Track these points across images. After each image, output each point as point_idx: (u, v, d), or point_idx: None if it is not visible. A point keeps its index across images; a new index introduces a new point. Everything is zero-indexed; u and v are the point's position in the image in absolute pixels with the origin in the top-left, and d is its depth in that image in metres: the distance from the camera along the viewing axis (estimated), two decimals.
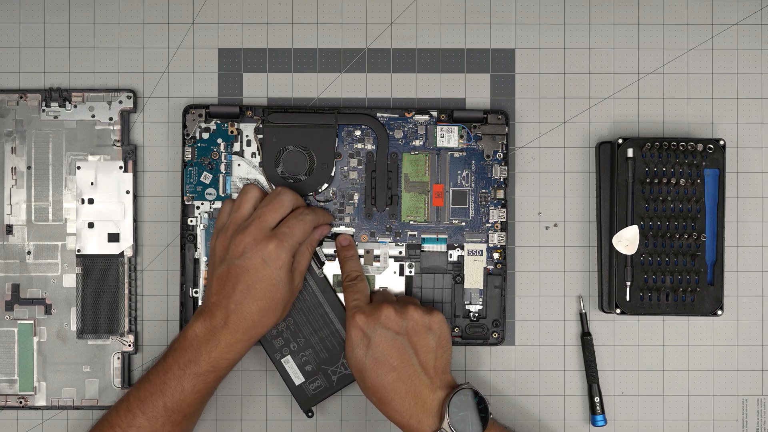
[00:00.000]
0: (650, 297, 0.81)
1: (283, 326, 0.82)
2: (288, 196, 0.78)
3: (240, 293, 0.75)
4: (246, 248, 0.75)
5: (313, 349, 0.82)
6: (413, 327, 0.76)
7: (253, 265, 0.75)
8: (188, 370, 0.75)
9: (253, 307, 0.75)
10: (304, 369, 0.82)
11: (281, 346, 0.82)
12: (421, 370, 0.76)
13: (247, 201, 0.79)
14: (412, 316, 0.77)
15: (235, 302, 0.75)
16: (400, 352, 0.75)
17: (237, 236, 0.76)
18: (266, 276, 0.75)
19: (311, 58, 0.86)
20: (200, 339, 0.75)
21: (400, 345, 0.76)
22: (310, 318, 0.82)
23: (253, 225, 0.76)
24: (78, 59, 0.85)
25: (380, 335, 0.76)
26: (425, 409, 0.75)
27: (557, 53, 0.86)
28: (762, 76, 0.86)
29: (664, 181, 0.81)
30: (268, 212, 0.77)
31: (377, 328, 0.76)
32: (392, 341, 0.75)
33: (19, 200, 0.84)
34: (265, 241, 0.75)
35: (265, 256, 0.75)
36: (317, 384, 0.82)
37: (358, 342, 0.76)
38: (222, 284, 0.76)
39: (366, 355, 0.76)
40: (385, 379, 0.75)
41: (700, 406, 0.85)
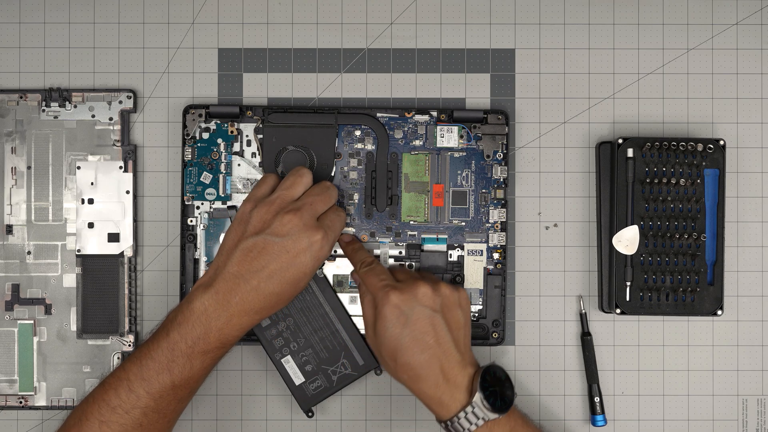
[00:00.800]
0: (650, 297, 0.81)
1: (283, 326, 0.82)
2: (334, 191, 0.79)
3: (269, 272, 0.73)
4: (293, 230, 0.74)
5: (313, 349, 0.82)
6: (446, 304, 0.76)
7: (296, 248, 0.73)
8: (197, 348, 0.72)
9: (276, 289, 0.74)
10: (304, 369, 0.82)
11: (281, 346, 0.82)
12: (454, 347, 0.75)
13: (301, 185, 0.77)
14: (444, 292, 0.76)
15: (261, 279, 0.73)
16: (437, 330, 0.74)
17: (286, 215, 0.74)
18: (302, 263, 0.74)
19: (311, 58, 0.86)
20: (210, 313, 0.73)
21: (437, 322, 0.74)
22: (310, 318, 0.82)
23: (305, 209, 0.75)
24: (78, 59, 0.85)
25: (418, 313, 0.74)
26: (456, 385, 0.74)
27: (557, 53, 0.86)
28: (762, 76, 0.86)
29: (664, 181, 0.81)
30: (319, 202, 0.76)
31: (415, 306, 0.74)
32: (430, 319, 0.74)
33: (19, 200, 0.84)
34: (314, 229, 0.74)
35: (312, 244, 0.74)
36: (317, 384, 0.82)
37: (394, 320, 0.74)
38: (251, 257, 0.73)
39: (402, 333, 0.74)
40: (420, 358, 0.74)
41: (700, 406, 0.85)
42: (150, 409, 0.73)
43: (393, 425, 0.85)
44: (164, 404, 0.73)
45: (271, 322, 0.82)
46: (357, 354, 0.82)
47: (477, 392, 0.73)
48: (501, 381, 0.74)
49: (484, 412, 0.73)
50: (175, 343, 0.73)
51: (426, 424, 0.85)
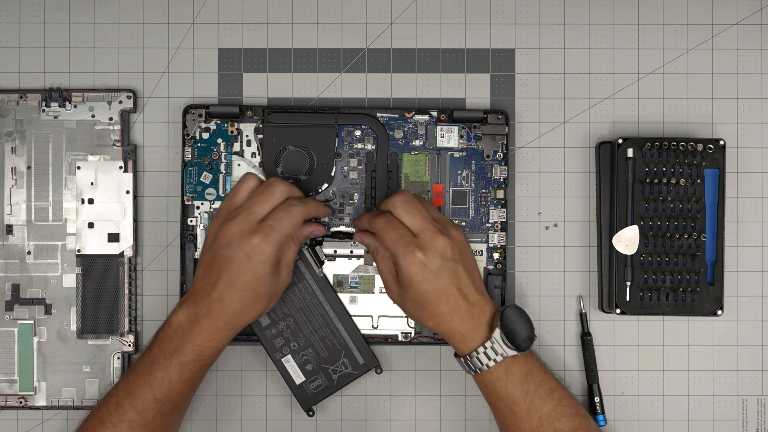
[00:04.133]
0: (650, 297, 0.81)
1: (284, 326, 0.82)
2: (280, 187, 0.77)
3: (223, 283, 0.74)
4: (231, 239, 0.75)
5: (313, 348, 0.82)
6: (461, 250, 0.77)
7: (237, 257, 0.74)
8: (174, 360, 0.74)
9: (235, 298, 0.75)
10: (305, 368, 0.82)
11: (281, 346, 0.82)
12: (474, 288, 0.76)
13: (243, 190, 0.78)
14: (457, 237, 0.77)
15: (219, 291, 0.74)
16: (459, 278, 0.76)
17: (225, 225, 0.75)
18: (249, 269, 0.74)
19: (311, 58, 0.86)
20: (184, 327, 0.75)
21: (459, 272, 0.76)
22: (310, 317, 0.82)
23: (241, 215, 0.75)
24: (78, 59, 0.85)
25: (443, 267, 0.75)
26: (478, 323, 0.76)
27: (557, 53, 0.86)
28: (762, 76, 0.86)
29: (664, 181, 0.81)
30: (257, 203, 0.76)
31: (440, 260, 0.75)
32: (453, 270, 0.76)
33: (19, 200, 0.84)
34: (251, 233, 0.74)
35: (249, 249, 0.74)
36: (318, 383, 0.82)
37: (421, 278, 0.75)
38: (208, 271, 0.75)
39: (428, 288, 0.75)
40: (446, 307, 0.76)
41: (700, 406, 0.85)
42: (135, 422, 0.75)
43: (393, 425, 0.85)
44: (149, 418, 0.75)
45: (271, 322, 0.82)
46: (357, 353, 0.82)
47: (497, 328, 0.75)
48: (521, 321, 0.76)
49: (502, 347, 0.75)
50: (155, 357, 0.75)
51: (426, 424, 0.85)
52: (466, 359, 0.76)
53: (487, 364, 0.75)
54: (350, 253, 0.84)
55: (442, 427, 0.85)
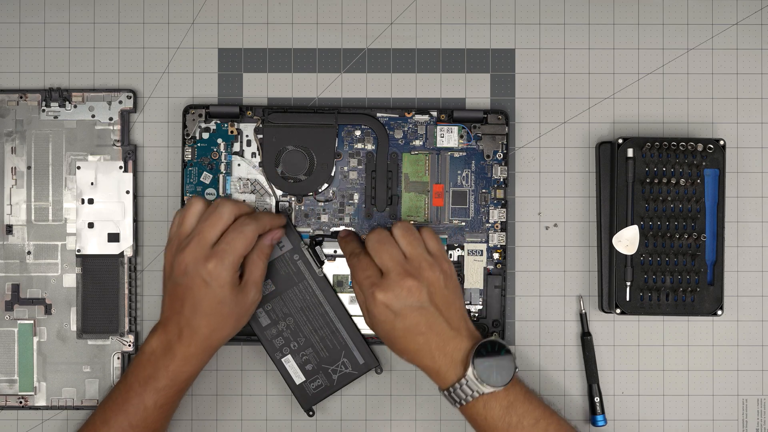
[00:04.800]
0: (650, 297, 0.81)
1: (284, 326, 0.82)
2: (226, 208, 0.77)
3: (188, 310, 0.75)
4: (187, 268, 0.75)
5: (313, 348, 0.82)
6: (432, 291, 0.76)
7: (195, 284, 0.75)
8: (148, 386, 0.75)
9: (202, 323, 0.75)
10: (305, 368, 0.82)
11: (281, 346, 0.82)
12: (447, 325, 0.76)
13: (190, 216, 0.78)
14: (430, 280, 0.76)
15: (185, 318, 0.75)
16: (427, 318, 0.75)
17: (179, 255, 0.76)
18: (209, 295, 0.75)
19: (311, 58, 0.86)
20: (157, 354, 0.76)
21: (425, 312, 0.75)
22: (310, 317, 0.82)
23: (192, 243, 0.76)
24: (78, 59, 0.85)
25: (406, 309, 0.75)
26: (453, 360, 0.76)
27: (557, 53, 0.86)
28: (762, 76, 0.86)
29: (664, 181, 0.81)
30: (206, 228, 0.76)
31: (402, 302, 0.75)
32: (418, 311, 0.75)
33: (19, 200, 0.84)
34: (205, 260, 0.75)
35: (206, 275, 0.75)
36: (318, 383, 0.82)
37: (384, 318, 0.76)
38: (172, 300, 0.76)
39: (394, 327, 0.76)
40: (416, 342, 0.76)
41: (700, 406, 0.85)
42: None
43: (393, 425, 0.85)
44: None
45: (271, 322, 0.82)
46: (357, 353, 0.82)
47: (470, 366, 0.74)
48: (497, 356, 0.75)
49: (477, 385, 0.75)
50: (130, 384, 0.76)
51: (426, 425, 0.85)
52: (446, 393, 0.76)
53: (465, 399, 0.75)
54: None
55: (442, 427, 0.85)
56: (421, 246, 0.78)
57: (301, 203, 0.84)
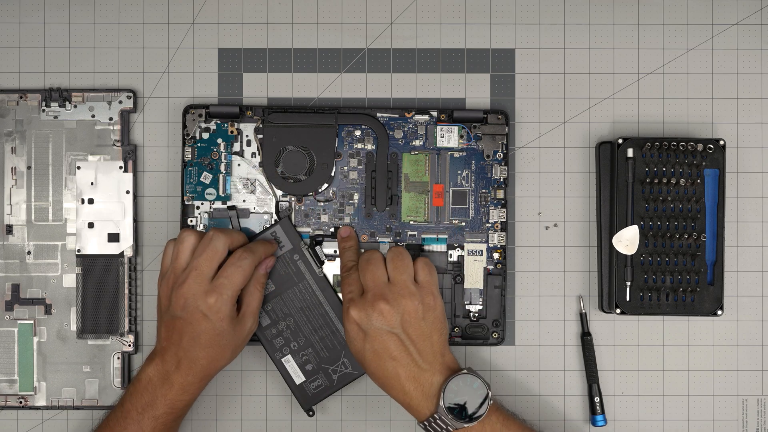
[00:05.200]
0: (650, 297, 0.81)
1: (284, 326, 0.82)
2: (221, 241, 0.78)
3: (187, 342, 0.76)
4: (186, 303, 0.76)
5: (313, 348, 0.82)
6: (407, 319, 0.76)
7: (194, 318, 0.76)
8: (146, 414, 0.76)
9: (201, 354, 0.76)
10: (305, 368, 0.82)
11: (281, 346, 0.82)
12: (419, 357, 0.76)
13: (185, 250, 0.78)
14: (406, 308, 0.76)
15: (184, 349, 0.76)
16: (397, 345, 0.76)
17: (177, 290, 0.76)
18: (209, 328, 0.76)
19: (311, 58, 0.86)
20: (154, 383, 0.76)
21: (395, 338, 0.76)
22: (310, 317, 0.82)
23: (190, 278, 0.76)
24: (78, 59, 0.85)
25: (375, 331, 0.76)
26: (424, 393, 0.76)
27: (557, 53, 0.86)
28: (762, 76, 0.86)
29: (664, 181, 0.81)
30: (203, 262, 0.77)
31: (371, 324, 0.76)
32: (388, 336, 0.76)
33: (19, 200, 0.84)
34: (204, 295, 0.76)
35: (206, 310, 0.75)
36: (318, 383, 0.82)
37: (354, 336, 0.77)
38: (170, 332, 0.77)
39: (364, 347, 0.76)
40: (385, 368, 0.76)
41: (700, 406, 0.85)
42: None
43: (393, 425, 0.85)
44: None
45: (271, 322, 0.82)
46: None
47: (440, 403, 0.75)
48: (470, 391, 0.75)
49: (449, 422, 0.75)
50: (128, 411, 0.76)
51: None
52: (421, 426, 0.76)
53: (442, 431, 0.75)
54: None
55: None
56: (408, 273, 0.78)
57: (301, 203, 0.84)
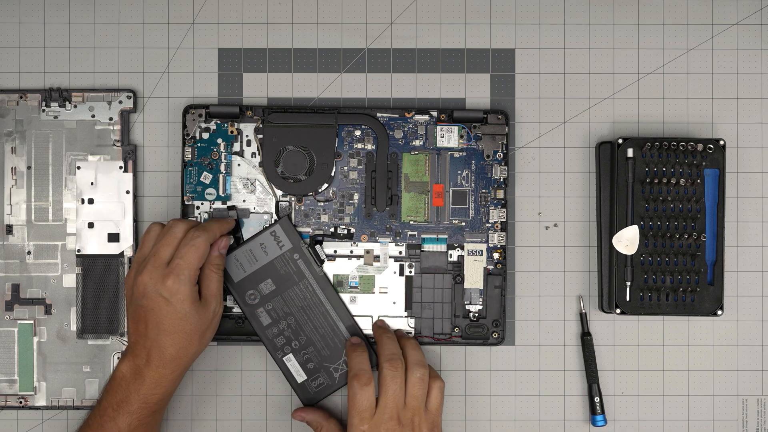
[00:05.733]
0: (650, 297, 0.81)
1: (284, 325, 0.82)
2: (178, 227, 0.78)
3: (152, 331, 0.76)
4: (146, 288, 0.76)
5: (314, 346, 0.82)
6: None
7: (155, 304, 0.76)
8: (121, 410, 0.76)
9: (167, 341, 0.76)
10: (306, 367, 0.82)
11: (283, 345, 0.82)
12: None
13: (148, 240, 0.79)
14: (417, 425, 0.77)
15: (150, 339, 0.76)
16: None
17: (138, 277, 0.77)
18: (171, 312, 0.76)
19: (311, 58, 0.86)
20: (127, 379, 0.76)
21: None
22: (311, 316, 0.82)
23: (149, 263, 0.77)
24: (78, 59, 0.85)
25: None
26: None
27: (557, 53, 0.86)
28: (762, 76, 0.86)
29: (664, 181, 0.81)
30: (161, 247, 0.77)
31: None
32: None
33: (19, 200, 0.84)
34: (162, 278, 0.76)
35: (165, 293, 0.76)
36: (319, 381, 0.82)
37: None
38: (135, 324, 0.77)
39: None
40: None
41: (700, 406, 0.85)
42: None
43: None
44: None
45: (272, 321, 0.82)
46: None
47: None
48: None
49: None
50: (104, 409, 0.77)
51: None
52: None
53: None
54: (350, 252, 0.84)
55: (442, 427, 0.85)
56: (423, 400, 0.78)
57: (301, 203, 0.84)
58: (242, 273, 0.82)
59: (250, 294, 0.82)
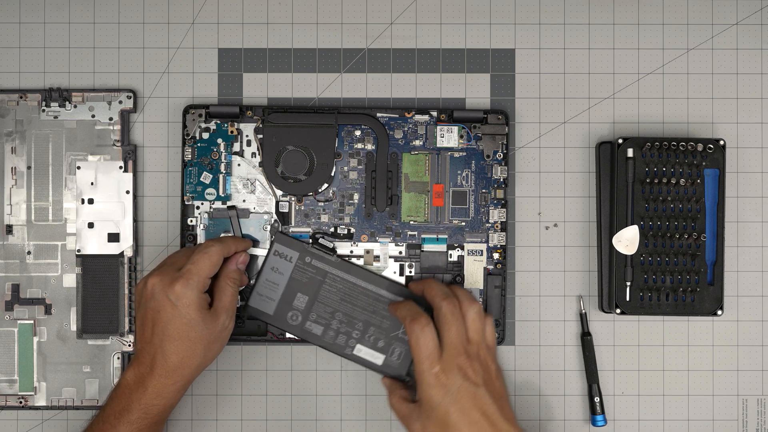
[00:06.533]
0: (650, 297, 0.81)
1: (336, 324, 0.82)
2: (202, 243, 0.79)
3: (157, 336, 0.75)
4: (155, 290, 0.76)
5: (373, 325, 0.82)
6: (487, 379, 0.76)
7: (163, 305, 0.75)
8: (122, 419, 0.76)
9: (171, 348, 0.75)
10: (377, 347, 0.82)
11: (346, 341, 0.82)
12: (501, 416, 0.75)
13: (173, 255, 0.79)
14: (486, 366, 0.76)
15: (155, 345, 0.76)
16: (482, 402, 0.75)
17: (148, 279, 0.76)
18: (176, 315, 0.75)
19: (311, 58, 0.86)
20: (131, 387, 0.76)
21: (481, 395, 0.75)
22: (353, 301, 0.82)
23: (163, 267, 0.77)
24: (78, 59, 0.85)
25: (463, 388, 0.75)
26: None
27: (557, 53, 0.86)
28: (762, 76, 0.86)
29: (664, 181, 0.81)
30: (176, 255, 0.78)
31: (458, 381, 0.75)
32: (474, 393, 0.75)
33: (19, 200, 0.84)
34: (171, 281, 0.75)
35: (172, 296, 0.75)
36: (398, 352, 0.82)
37: (440, 398, 0.75)
38: (142, 329, 0.77)
39: (450, 411, 0.74)
40: (470, 429, 0.74)
41: (700, 406, 0.85)
42: None
43: (393, 425, 0.85)
44: None
45: (324, 327, 0.82)
46: None
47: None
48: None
49: None
50: (107, 416, 0.76)
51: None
52: None
53: None
54: (350, 252, 0.84)
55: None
56: (483, 336, 0.78)
57: (301, 203, 0.84)
58: (272, 303, 0.82)
59: (291, 316, 0.82)
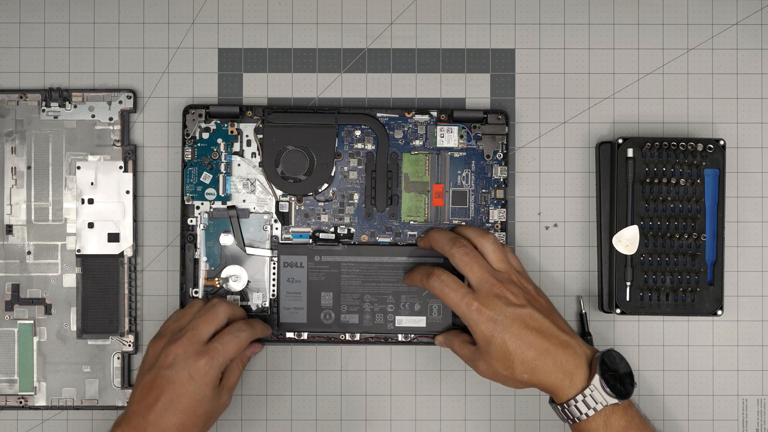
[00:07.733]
0: (650, 297, 0.81)
1: (368, 306, 0.82)
2: (222, 308, 0.78)
3: (162, 405, 0.73)
4: (176, 360, 0.74)
5: (403, 294, 0.82)
6: (529, 298, 0.76)
7: (180, 378, 0.74)
8: None
9: (173, 421, 0.73)
10: (414, 310, 0.82)
11: (384, 318, 0.82)
12: (557, 329, 0.74)
13: (188, 314, 0.78)
14: (524, 287, 0.76)
15: (156, 414, 0.73)
16: (534, 320, 0.74)
17: (169, 346, 0.75)
18: (191, 391, 0.74)
19: (311, 58, 0.86)
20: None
21: (530, 314, 0.74)
22: (376, 278, 0.82)
23: (185, 337, 0.75)
24: (78, 59, 0.85)
25: (510, 314, 0.74)
26: (576, 365, 0.73)
27: (557, 53, 0.86)
28: (762, 76, 0.86)
29: (664, 181, 0.81)
30: (201, 324, 0.76)
31: (503, 309, 0.74)
32: (521, 314, 0.74)
33: (19, 200, 0.84)
34: (196, 355, 0.74)
35: (193, 371, 0.74)
36: (436, 307, 0.83)
37: (493, 331, 0.73)
38: (146, 393, 0.74)
39: (506, 338, 0.73)
40: (531, 350, 0.73)
41: (700, 406, 0.85)
42: None
43: (393, 425, 0.85)
44: None
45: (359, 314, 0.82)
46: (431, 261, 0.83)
47: (596, 375, 0.72)
48: (622, 366, 0.74)
49: (602, 395, 0.72)
50: None
51: (426, 424, 0.85)
52: (563, 407, 0.74)
53: (585, 413, 0.73)
54: None
55: (442, 427, 0.85)
56: (508, 261, 0.78)
57: (301, 203, 0.84)
58: (302, 311, 0.83)
59: (324, 316, 0.83)
